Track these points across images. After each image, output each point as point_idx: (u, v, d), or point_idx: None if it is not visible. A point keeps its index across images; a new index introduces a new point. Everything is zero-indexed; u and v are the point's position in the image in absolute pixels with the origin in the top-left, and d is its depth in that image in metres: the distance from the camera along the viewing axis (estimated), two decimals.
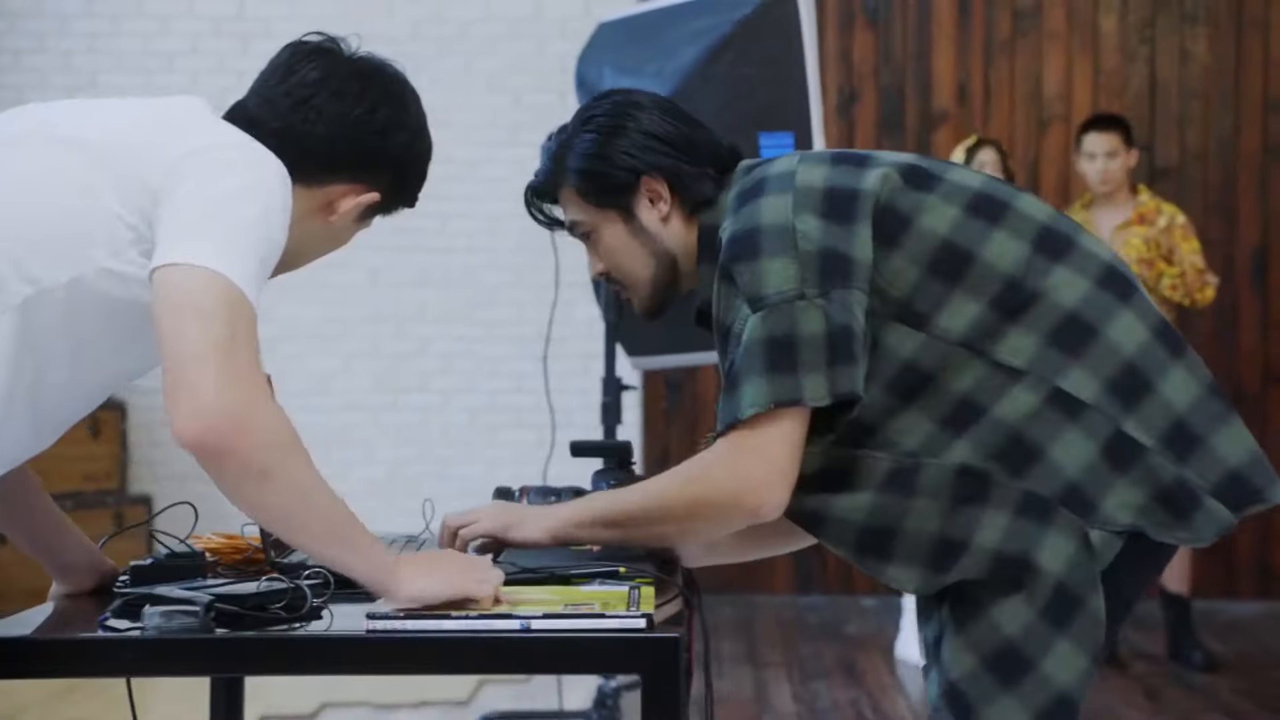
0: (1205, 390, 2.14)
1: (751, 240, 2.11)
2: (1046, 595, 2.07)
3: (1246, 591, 7.25)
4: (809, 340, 2.05)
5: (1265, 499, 2.12)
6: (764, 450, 2.08)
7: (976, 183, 2.21)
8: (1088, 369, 2.10)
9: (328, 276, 7.40)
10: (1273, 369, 7.25)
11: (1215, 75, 7.27)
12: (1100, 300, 2.13)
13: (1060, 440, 2.08)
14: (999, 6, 7.31)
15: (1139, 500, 2.08)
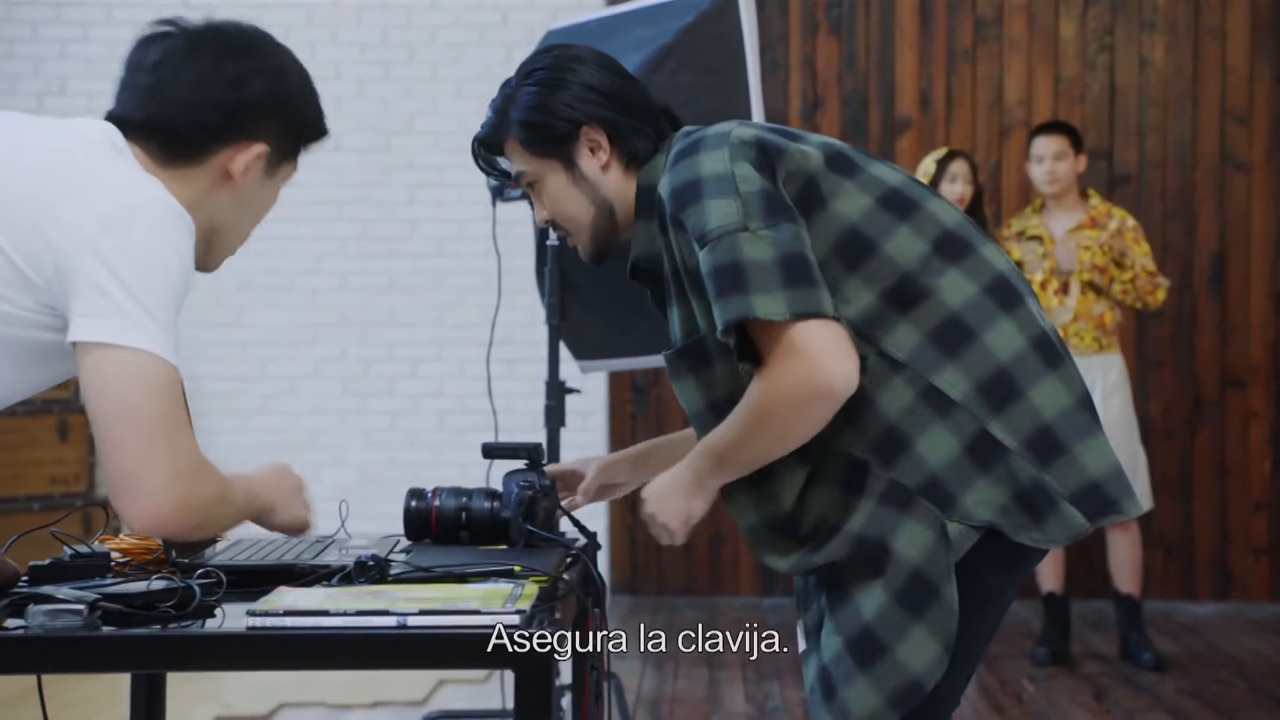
0: (1076, 403, 2.23)
1: (693, 188, 2.24)
2: (902, 582, 2.16)
3: (1205, 593, 7.33)
4: (757, 266, 2.15)
5: (1120, 510, 2.21)
6: (799, 350, 2.14)
7: (895, 180, 2.31)
8: (961, 369, 2.19)
9: (297, 281, 7.47)
10: (1230, 373, 7.32)
11: (1173, 83, 7.35)
12: (984, 306, 2.22)
13: (927, 435, 2.17)
14: (961, 15, 7.38)
15: (998, 499, 2.17)
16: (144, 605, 1.87)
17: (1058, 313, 6.02)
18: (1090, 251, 6.00)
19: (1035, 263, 6.08)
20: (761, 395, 2.18)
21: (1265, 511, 7.33)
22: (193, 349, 7.45)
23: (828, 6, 7.39)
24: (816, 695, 2.26)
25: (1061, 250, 5.99)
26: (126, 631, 1.83)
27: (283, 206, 7.89)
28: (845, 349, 2.15)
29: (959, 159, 6.03)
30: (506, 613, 1.83)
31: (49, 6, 7.49)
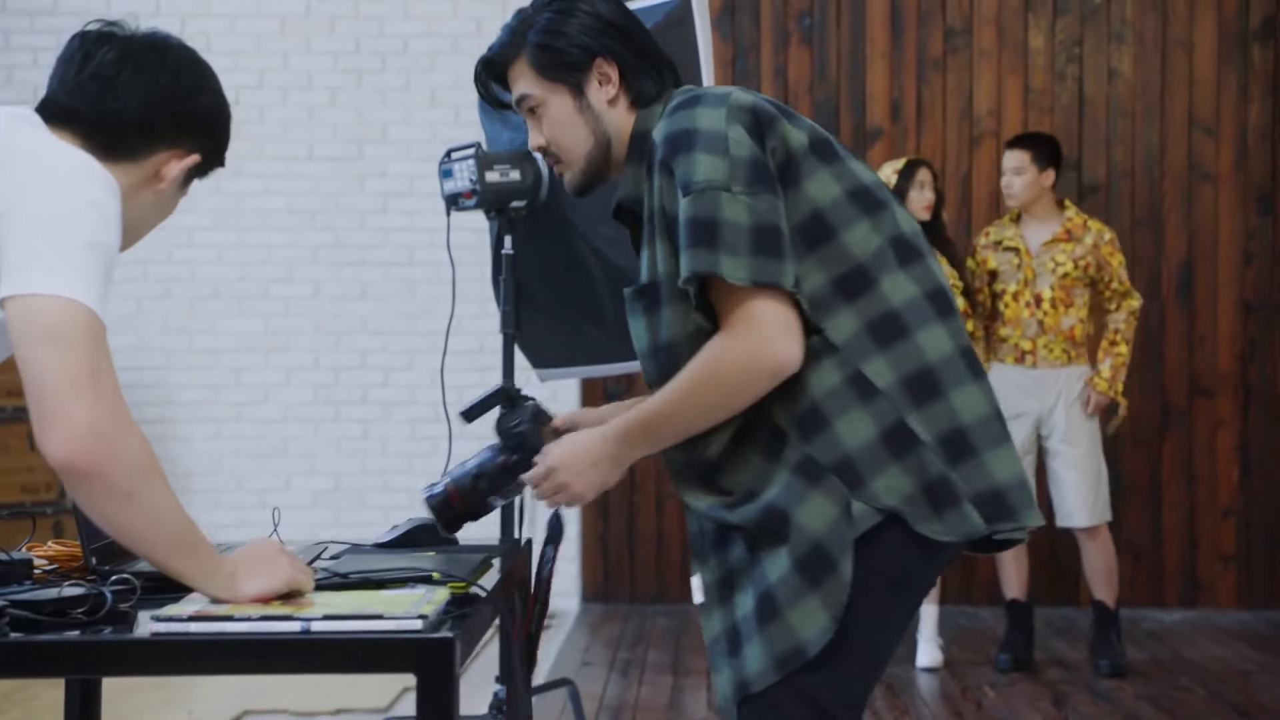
0: (991, 414, 2.33)
1: (688, 138, 2.29)
2: (803, 551, 2.24)
3: (1173, 600, 7.36)
4: (731, 226, 2.22)
5: (1018, 519, 2.29)
6: (751, 323, 2.22)
7: (868, 179, 2.38)
8: (890, 361, 2.27)
9: (270, 289, 7.50)
10: (1198, 382, 7.36)
11: (1142, 94, 7.39)
12: (922, 309, 2.31)
13: (848, 417, 2.25)
14: (931, 25, 7.43)
15: (905, 487, 2.24)
16: (55, 612, 1.90)
17: (1027, 324, 6.04)
18: (1064, 265, 6.03)
19: (1010, 273, 6.10)
20: (708, 361, 2.25)
21: (1233, 519, 7.37)
22: (166, 356, 7.48)
23: (799, 16, 7.43)
24: (720, 648, 2.35)
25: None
26: (35, 638, 1.86)
27: (255, 214, 7.96)
28: (796, 329, 2.23)
29: (923, 167, 6.06)
30: (409, 618, 1.86)
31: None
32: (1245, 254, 7.36)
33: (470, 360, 7.17)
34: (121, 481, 1.92)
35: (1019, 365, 6.07)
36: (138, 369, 7.46)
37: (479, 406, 2.59)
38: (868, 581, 2.25)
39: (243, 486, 7.51)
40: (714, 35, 7.36)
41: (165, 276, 7.50)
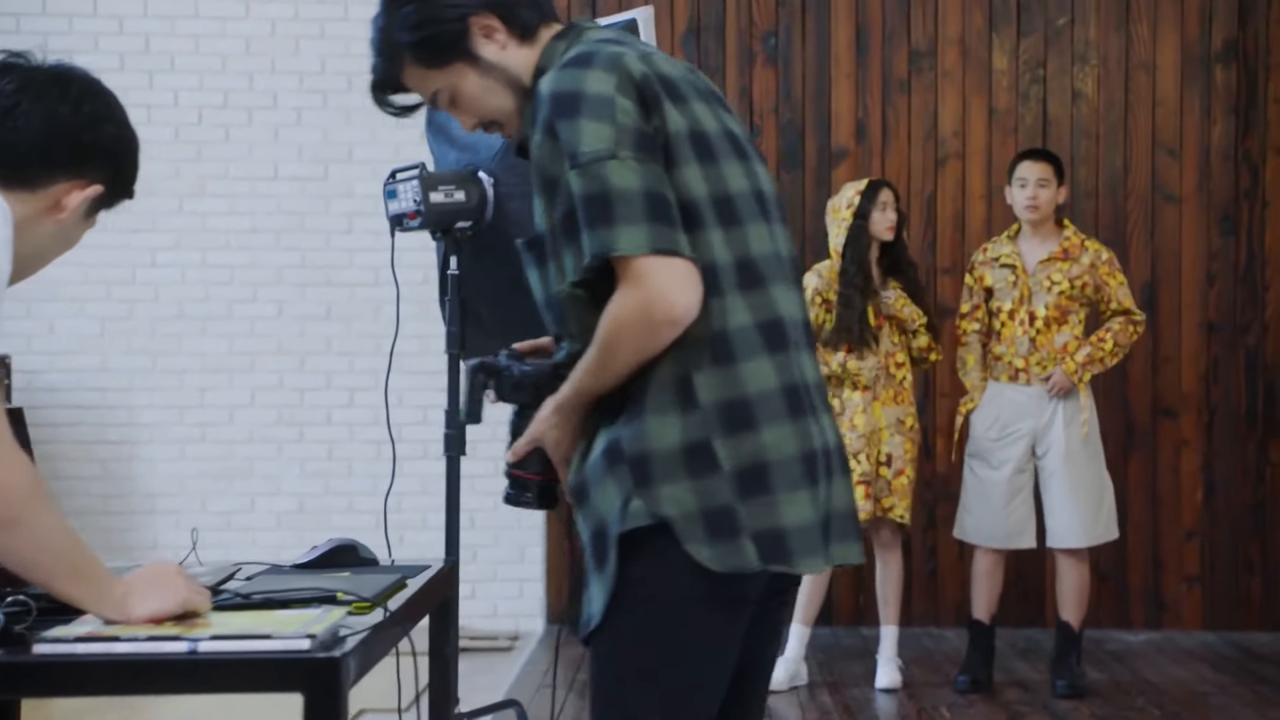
0: (799, 456, 2.30)
1: (574, 101, 2.26)
2: (594, 529, 2.29)
3: (1139, 621, 7.36)
4: (622, 195, 2.21)
5: (791, 565, 2.28)
6: (641, 277, 2.20)
7: (736, 188, 2.34)
8: (715, 382, 2.27)
9: (234, 309, 7.49)
10: (1162, 402, 7.37)
11: (1105, 115, 7.41)
12: (751, 340, 2.30)
13: (663, 418, 2.25)
14: (895, 46, 7.44)
15: (689, 505, 2.24)
16: None
17: (1020, 342, 6.02)
18: (1060, 285, 6.02)
19: (1006, 290, 6.08)
20: (610, 320, 2.24)
21: (1198, 540, 7.37)
22: (129, 377, 7.46)
23: (764, 37, 7.44)
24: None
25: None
26: None
27: (220, 235, 7.92)
28: (692, 280, 2.22)
29: (885, 188, 6.06)
30: (297, 637, 1.85)
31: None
32: (1209, 274, 7.38)
33: (433, 380, 7.16)
34: (6, 509, 1.92)
35: (1014, 383, 6.04)
36: (101, 390, 7.44)
37: (472, 399, 2.57)
38: (630, 584, 2.27)
39: (206, 508, 7.48)
40: (679, 56, 7.39)
41: (128, 297, 7.48)
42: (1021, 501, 6.03)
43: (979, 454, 6.06)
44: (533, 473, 2.43)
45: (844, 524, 2.41)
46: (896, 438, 5.98)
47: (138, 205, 7.76)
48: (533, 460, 2.43)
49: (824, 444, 2.37)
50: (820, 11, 7.44)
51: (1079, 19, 7.42)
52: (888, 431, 5.98)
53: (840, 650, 6.79)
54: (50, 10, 7.49)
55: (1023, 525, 6.03)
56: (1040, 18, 7.43)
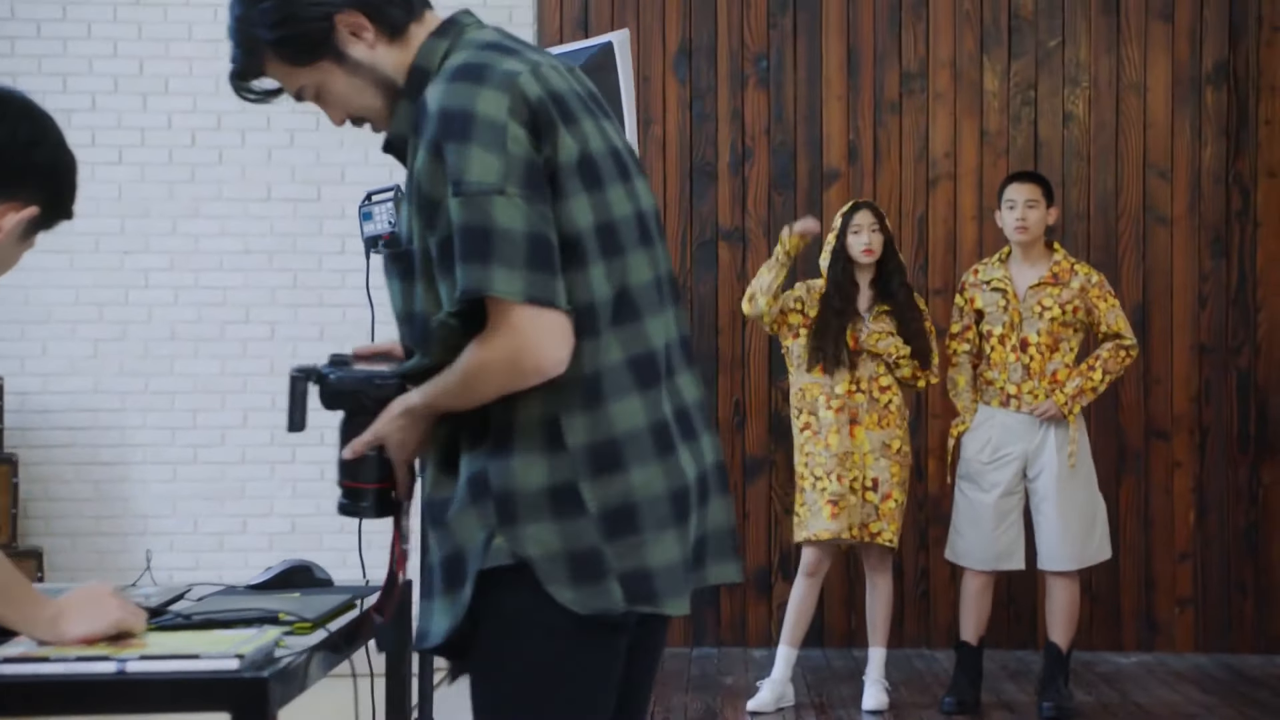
0: (667, 494, 2.28)
1: (464, 123, 2.18)
2: (448, 554, 2.27)
3: (1131, 644, 7.34)
4: (505, 235, 2.16)
5: (657, 605, 2.26)
6: (515, 327, 2.18)
7: (620, 213, 2.30)
8: (583, 425, 2.24)
9: (227, 330, 7.51)
10: (1154, 424, 7.36)
11: (1096, 136, 7.42)
12: (621, 377, 2.27)
13: (527, 460, 2.23)
14: (887, 68, 7.45)
15: (553, 546, 2.22)
16: None
17: (1013, 369, 6.02)
18: (1051, 310, 6.01)
19: (997, 315, 6.08)
20: (471, 362, 2.22)
21: (1190, 562, 7.36)
22: (122, 398, 7.48)
23: (756, 59, 7.46)
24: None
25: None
26: None
27: (213, 256, 7.92)
28: (564, 334, 2.19)
29: (863, 210, 6.07)
30: (224, 657, 1.86)
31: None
32: (1200, 296, 7.37)
33: None
34: None
35: (1005, 408, 6.04)
36: (94, 411, 7.46)
37: (294, 407, 2.55)
38: (494, 624, 2.25)
39: (199, 529, 7.49)
40: (670, 78, 7.41)
41: (121, 318, 7.50)
42: (1011, 524, 6.02)
43: (970, 476, 6.06)
44: (369, 481, 2.41)
45: (721, 543, 2.40)
46: (882, 461, 5.97)
47: (130, 227, 7.79)
48: (369, 468, 2.41)
49: (699, 471, 2.35)
50: (812, 33, 7.46)
51: (1070, 41, 7.43)
52: (873, 456, 5.97)
53: (831, 672, 6.77)
54: (45, 34, 7.52)
55: (1011, 547, 6.03)
56: (1031, 40, 7.44)
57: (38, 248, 2.50)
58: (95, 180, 7.49)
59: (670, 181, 7.45)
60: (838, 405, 5.97)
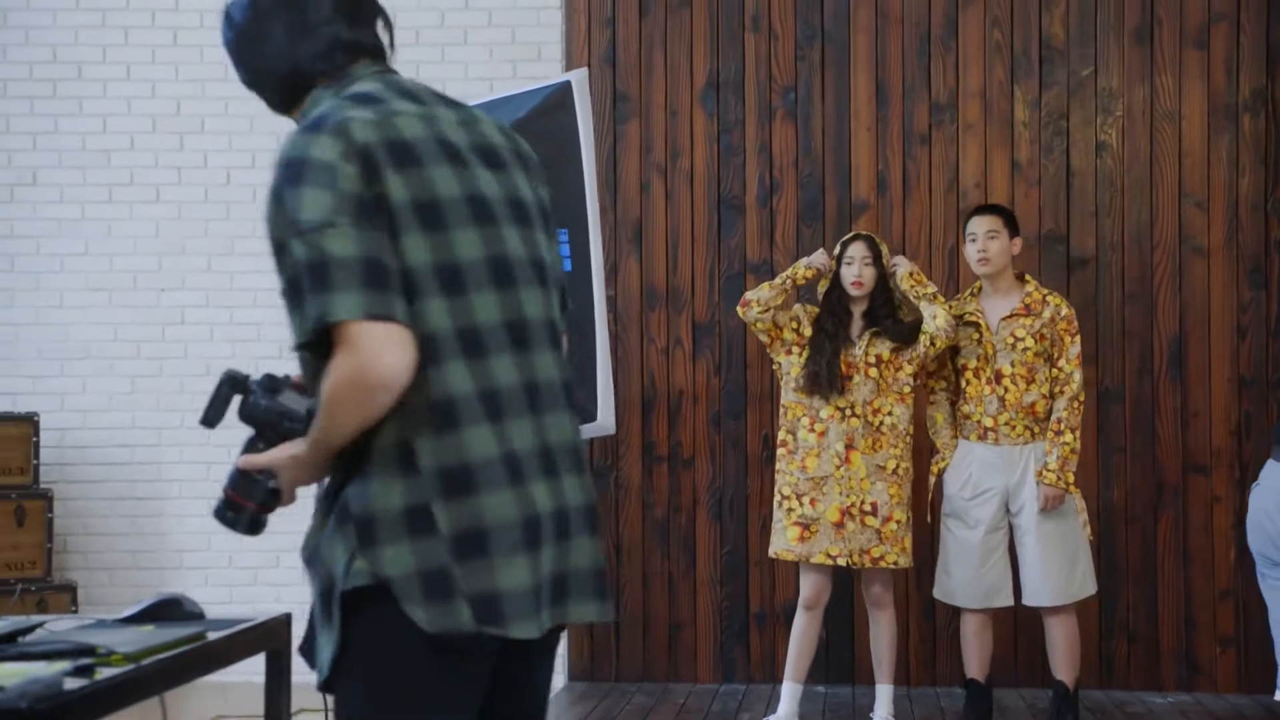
0: (519, 521, 2.35)
1: (299, 168, 2.33)
2: (323, 585, 2.35)
3: (1170, 684, 7.18)
4: (339, 262, 2.25)
5: (504, 628, 2.32)
6: (353, 342, 2.25)
7: (468, 257, 2.39)
8: (435, 448, 2.31)
9: (261, 367, 7.57)
10: (1192, 458, 7.21)
11: (1130, 166, 7.29)
12: (473, 407, 2.34)
13: (385, 482, 2.30)
14: (916, 99, 7.39)
15: (408, 566, 2.27)
16: None
17: (988, 401, 5.96)
18: (1025, 342, 5.97)
19: (970, 349, 6.05)
20: (325, 389, 2.31)
21: (1231, 600, 7.18)
22: (158, 434, 7.58)
23: (784, 92, 7.43)
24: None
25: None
26: None
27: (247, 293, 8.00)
28: (400, 343, 2.27)
29: (858, 241, 6.07)
30: None
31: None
32: (1239, 328, 7.22)
33: None
34: None
35: (983, 442, 5.99)
36: (130, 446, 7.57)
37: (212, 406, 2.61)
38: (355, 642, 2.31)
39: (233, 563, 7.57)
40: (698, 111, 7.40)
41: (158, 354, 7.61)
42: (997, 560, 5.96)
43: (954, 513, 6.01)
44: (253, 501, 2.55)
45: (584, 582, 2.46)
46: (879, 484, 5.93)
47: (168, 264, 7.91)
48: (257, 490, 2.53)
49: (558, 507, 2.42)
50: (840, 66, 7.42)
51: (1102, 70, 7.32)
52: (869, 480, 5.92)
53: (855, 710, 6.68)
54: (86, 75, 7.67)
55: (999, 584, 5.95)
56: (1063, 69, 7.34)
57: (77, 285, 2.54)
58: (133, 218, 7.63)
59: (698, 215, 7.43)
60: (821, 430, 5.93)
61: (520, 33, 7.54)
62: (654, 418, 7.41)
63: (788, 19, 7.43)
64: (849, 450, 5.93)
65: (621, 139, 7.44)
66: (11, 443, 7.16)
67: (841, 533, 5.91)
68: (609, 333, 7.32)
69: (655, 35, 7.46)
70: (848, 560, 5.91)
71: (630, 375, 7.40)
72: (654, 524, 7.40)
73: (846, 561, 5.91)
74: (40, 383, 7.61)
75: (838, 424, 5.93)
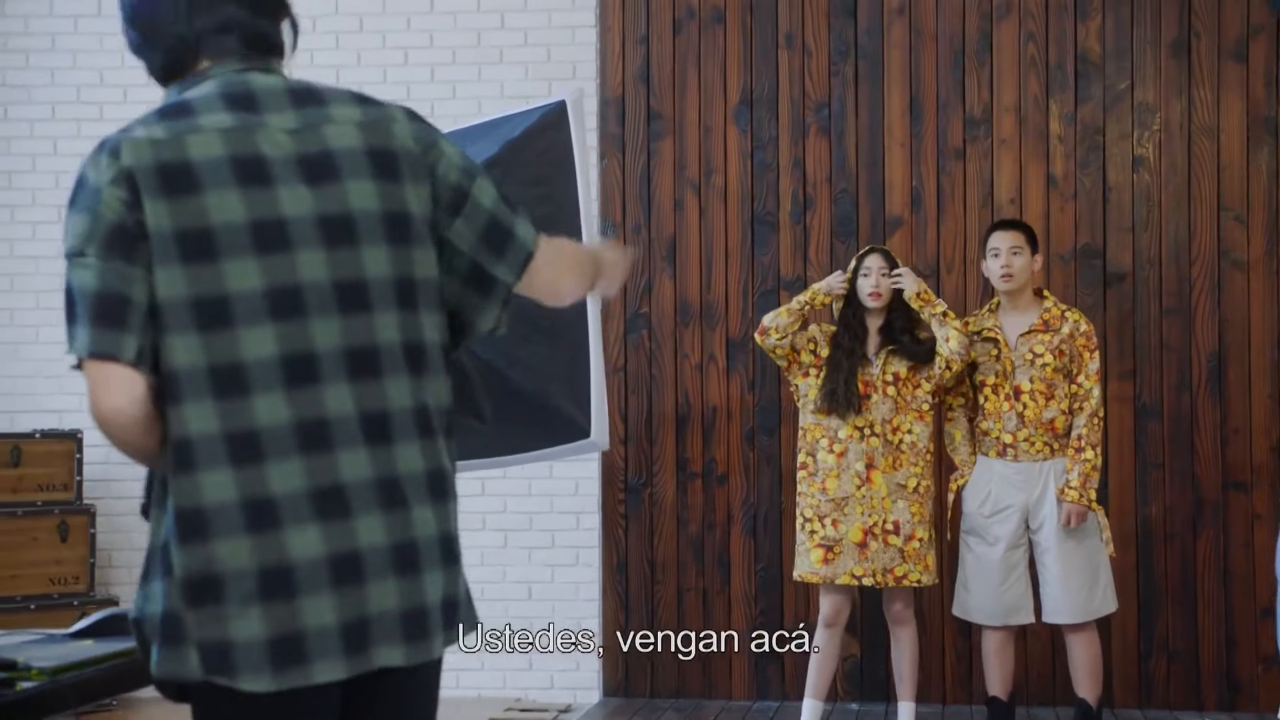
0: (255, 571, 2.24)
1: (76, 189, 2.30)
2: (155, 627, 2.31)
3: (1211, 703, 7.09)
4: (81, 296, 2.25)
5: (234, 679, 2.24)
6: (87, 378, 2.28)
7: (237, 288, 2.27)
8: (178, 489, 2.26)
9: None
10: (1232, 475, 7.12)
11: (1168, 180, 7.23)
12: (215, 449, 2.25)
13: (157, 515, 2.32)
14: (950, 114, 7.36)
15: (152, 607, 2.30)
16: None
17: (1007, 418, 5.93)
18: (1043, 358, 5.94)
19: (989, 365, 6.04)
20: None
21: (1273, 618, 7.07)
22: None
23: (817, 108, 7.42)
24: None
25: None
26: None
27: None
28: (121, 385, 2.24)
29: (875, 254, 6.09)
30: None
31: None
32: (1278, 342, 7.12)
33: None
34: None
35: (1002, 459, 5.96)
36: None
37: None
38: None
39: None
40: (732, 128, 7.41)
41: None
42: (1018, 578, 5.91)
43: (974, 530, 5.97)
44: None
45: (389, 626, 2.32)
46: (900, 503, 5.91)
47: None
48: None
49: (339, 551, 2.28)
50: (874, 81, 7.40)
51: (1139, 84, 7.26)
52: (890, 499, 5.91)
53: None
54: (131, 99, 7.79)
55: (1019, 601, 5.91)
56: (1099, 83, 7.28)
57: None
58: None
59: (731, 231, 7.44)
60: (840, 450, 5.91)
61: (555, 51, 7.58)
62: (688, 434, 7.42)
63: (821, 35, 7.43)
64: (870, 470, 5.92)
65: (655, 156, 7.47)
66: (55, 459, 7.28)
67: (865, 552, 5.90)
68: (645, 349, 7.37)
69: (689, 53, 7.49)
70: (873, 580, 5.90)
71: (664, 391, 7.42)
72: (688, 540, 7.41)
73: (871, 581, 5.90)
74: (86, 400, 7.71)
75: (857, 443, 5.92)
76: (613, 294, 2.83)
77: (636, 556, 7.43)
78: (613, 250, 2.87)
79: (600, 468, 7.44)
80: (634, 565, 7.44)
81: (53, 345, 7.73)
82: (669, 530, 7.44)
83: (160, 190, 2.25)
